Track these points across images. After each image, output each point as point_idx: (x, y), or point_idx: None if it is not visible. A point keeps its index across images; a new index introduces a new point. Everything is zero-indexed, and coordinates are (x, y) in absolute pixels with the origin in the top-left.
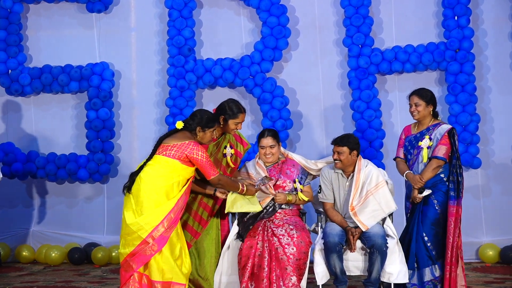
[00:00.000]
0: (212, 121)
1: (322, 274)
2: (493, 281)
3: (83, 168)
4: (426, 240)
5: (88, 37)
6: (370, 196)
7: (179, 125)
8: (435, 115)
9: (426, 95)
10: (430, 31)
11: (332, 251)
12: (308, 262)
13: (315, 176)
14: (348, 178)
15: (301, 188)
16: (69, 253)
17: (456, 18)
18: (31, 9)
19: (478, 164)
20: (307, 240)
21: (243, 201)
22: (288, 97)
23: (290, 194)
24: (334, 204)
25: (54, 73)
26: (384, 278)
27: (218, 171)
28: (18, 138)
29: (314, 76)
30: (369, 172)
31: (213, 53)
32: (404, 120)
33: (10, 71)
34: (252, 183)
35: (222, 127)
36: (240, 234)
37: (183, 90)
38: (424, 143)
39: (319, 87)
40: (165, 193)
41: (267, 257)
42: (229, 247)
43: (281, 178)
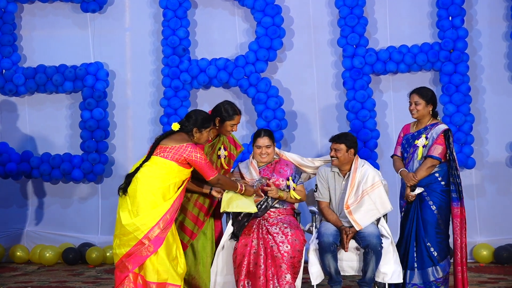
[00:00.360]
0: (208, 121)
1: (317, 274)
2: (487, 281)
3: (78, 168)
4: (427, 243)
5: (83, 37)
6: (366, 196)
7: (175, 127)
8: (435, 115)
9: (427, 94)
10: (425, 32)
11: (327, 251)
12: (303, 261)
13: (311, 176)
14: (344, 177)
15: (294, 187)
16: (64, 253)
17: (451, 19)
18: (25, 9)
19: (473, 164)
20: (302, 238)
21: (239, 201)
22: (283, 97)
23: (282, 191)
24: (330, 203)
25: (48, 73)
26: (379, 278)
27: (217, 171)
28: (12, 138)
29: (309, 76)
30: (365, 172)
31: (208, 53)
32: (399, 120)
33: (4, 71)
34: (250, 184)
35: (218, 129)
36: (235, 234)
37: (178, 90)
38: (420, 142)
39: (314, 87)
40: (162, 194)
41: (263, 255)
42: (224, 247)
43: (274, 177)
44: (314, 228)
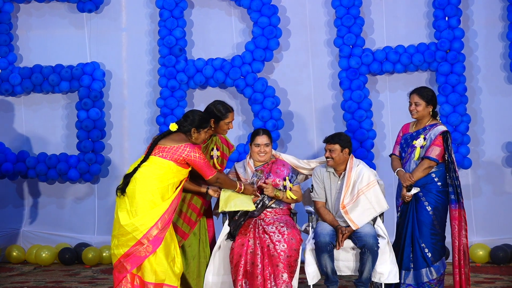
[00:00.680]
0: (206, 121)
1: (313, 274)
2: (483, 281)
3: (74, 168)
4: (422, 244)
5: (79, 37)
6: (362, 195)
7: (173, 127)
8: (434, 115)
9: (427, 95)
10: (421, 32)
11: (323, 251)
12: (300, 260)
13: (308, 177)
14: (340, 177)
15: (290, 187)
16: (60, 253)
17: (447, 19)
18: (22, 9)
19: (469, 164)
20: (298, 238)
21: (237, 200)
22: (279, 97)
23: (279, 190)
24: (326, 203)
25: (45, 73)
26: (375, 278)
27: (216, 170)
28: (9, 138)
29: (305, 76)
30: (361, 171)
31: (204, 53)
32: (395, 120)
33: (0, 71)
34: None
35: (214, 130)
36: (232, 234)
37: (174, 90)
38: (418, 143)
39: (310, 87)
40: (161, 194)
41: (260, 254)
42: (220, 247)
43: (271, 177)
44: (311, 228)
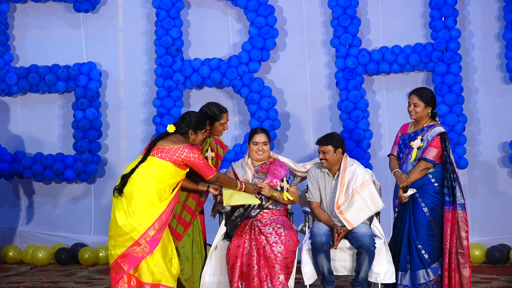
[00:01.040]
0: (203, 123)
1: (310, 274)
2: (480, 281)
3: (70, 168)
4: (418, 245)
5: (75, 37)
6: (356, 195)
7: (171, 129)
8: (433, 116)
9: (426, 96)
10: (417, 32)
11: (320, 251)
12: (296, 261)
13: (304, 178)
14: (334, 177)
15: (288, 188)
16: (56, 254)
17: (443, 19)
18: (18, 9)
19: (465, 165)
20: (295, 239)
21: (241, 195)
22: (276, 98)
23: (276, 191)
24: (321, 203)
25: (41, 73)
26: (372, 278)
27: (215, 170)
28: (5, 138)
29: (302, 77)
30: (355, 171)
31: (201, 53)
32: (392, 121)
33: None
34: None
35: (209, 131)
36: (228, 234)
37: (171, 90)
38: (415, 144)
39: (307, 88)
40: (158, 195)
41: (256, 255)
42: (217, 247)
43: (268, 178)
44: (307, 228)
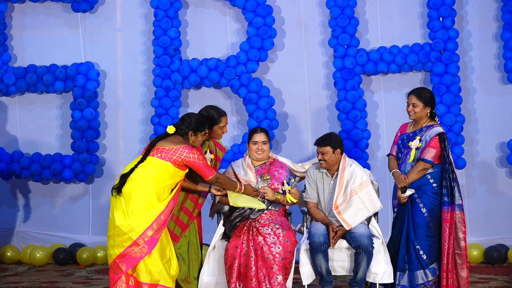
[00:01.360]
0: (203, 124)
1: (308, 274)
2: (478, 281)
3: (68, 168)
4: (417, 246)
5: (74, 37)
6: (354, 195)
7: (171, 130)
8: (432, 116)
9: (425, 96)
10: (415, 32)
11: (318, 251)
12: (294, 262)
13: (302, 178)
14: (333, 177)
15: (289, 190)
16: (54, 254)
17: (441, 19)
18: (16, 8)
19: (463, 165)
20: (293, 240)
21: (247, 198)
22: (274, 98)
23: (279, 194)
24: (319, 203)
25: (39, 73)
26: (370, 278)
27: (215, 170)
28: (3, 138)
29: (300, 77)
30: (353, 171)
31: (199, 53)
32: (390, 121)
33: None
34: (250, 183)
35: (208, 135)
36: (226, 234)
37: (169, 90)
38: (414, 144)
39: (305, 88)
40: (157, 195)
41: (254, 256)
42: (215, 247)
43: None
44: (305, 228)
